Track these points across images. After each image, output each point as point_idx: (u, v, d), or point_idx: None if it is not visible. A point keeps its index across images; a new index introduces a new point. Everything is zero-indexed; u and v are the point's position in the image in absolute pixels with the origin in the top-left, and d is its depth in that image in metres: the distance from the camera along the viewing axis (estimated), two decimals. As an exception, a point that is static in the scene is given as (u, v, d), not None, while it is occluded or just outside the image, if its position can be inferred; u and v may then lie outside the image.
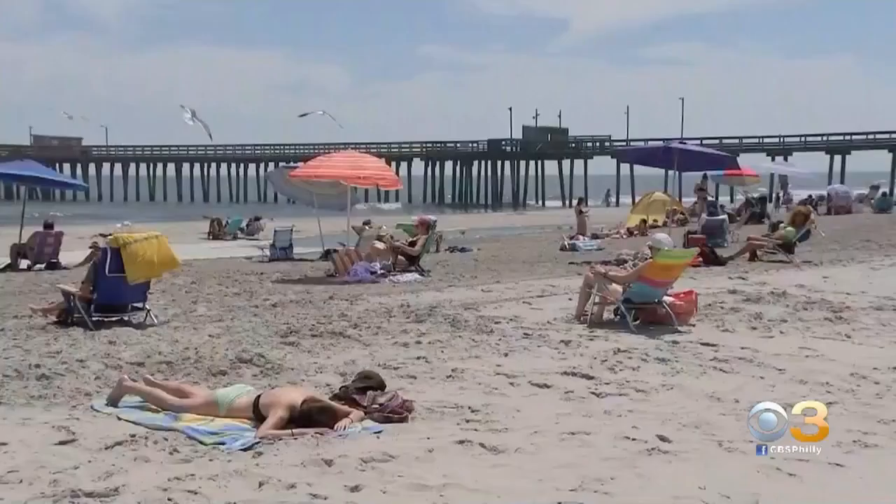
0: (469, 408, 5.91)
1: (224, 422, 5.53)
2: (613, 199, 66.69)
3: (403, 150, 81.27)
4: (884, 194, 41.56)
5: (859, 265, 15.02)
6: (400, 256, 15.54)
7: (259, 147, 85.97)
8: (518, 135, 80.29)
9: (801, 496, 4.24)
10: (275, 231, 21.89)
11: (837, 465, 4.66)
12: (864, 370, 6.85)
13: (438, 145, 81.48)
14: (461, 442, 5.07)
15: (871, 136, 67.23)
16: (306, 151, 69.55)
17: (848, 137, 67.77)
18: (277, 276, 15.25)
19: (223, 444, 5.12)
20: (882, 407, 5.77)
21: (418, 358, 7.57)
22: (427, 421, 5.64)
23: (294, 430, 5.23)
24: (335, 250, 16.62)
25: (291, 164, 31.41)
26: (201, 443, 5.17)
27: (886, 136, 66.12)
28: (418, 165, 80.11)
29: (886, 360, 7.23)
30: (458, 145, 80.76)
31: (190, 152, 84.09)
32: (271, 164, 71.57)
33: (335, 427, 5.31)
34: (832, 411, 5.67)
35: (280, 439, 5.13)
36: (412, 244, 15.90)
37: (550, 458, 4.81)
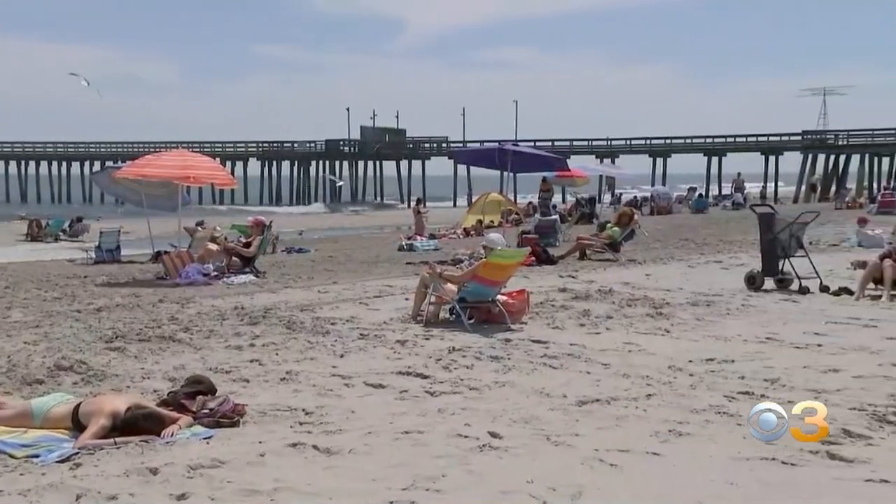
0: (303, 410, 5.85)
1: (39, 433, 5.21)
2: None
3: (239, 149, 79.46)
4: (700, 196, 44.22)
5: (678, 263, 15.89)
6: (234, 258, 15.19)
7: (83, 145, 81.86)
8: (356, 135, 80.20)
9: (621, 485, 4.43)
10: (101, 232, 20.94)
11: (654, 453, 4.89)
12: (680, 363, 7.24)
13: (275, 145, 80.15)
14: (294, 445, 5.01)
15: (689, 141, 71.32)
16: (133, 150, 66.97)
17: (668, 141, 71.63)
18: (103, 280, 14.58)
19: (37, 456, 4.83)
20: (695, 397, 6.11)
21: (252, 361, 7.42)
22: (259, 425, 5.53)
23: (117, 439, 5.00)
24: (166, 252, 16.07)
25: (119, 163, 30.10)
26: (12, 456, 4.85)
27: (702, 140, 70.35)
28: (254, 166, 78.62)
29: (700, 352, 7.67)
30: (296, 145, 79.74)
31: (4, 149, 79.03)
32: (97, 163, 68.28)
33: (162, 434, 5.12)
34: (651, 402, 5.99)
35: (101, 449, 4.90)
36: (247, 245, 15.57)
37: (384, 458, 4.82)
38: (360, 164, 79.49)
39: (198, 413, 5.52)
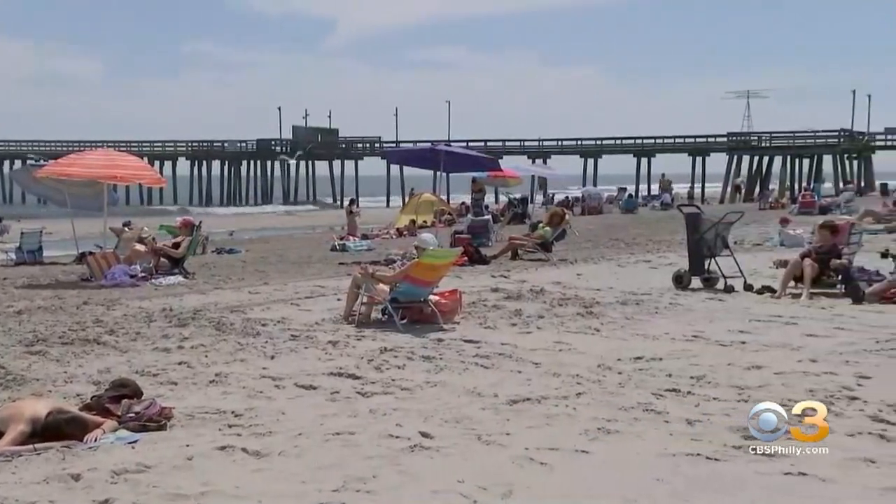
0: (232, 412, 5.77)
1: (-47, 441, 5.04)
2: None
3: (168, 149, 78.06)
4: (630, 196, 44.92)
5: (608, 262, 16.12)
6: (162, 259, 14.91)
7: (2, 143, 79.48)
8: (288, 135, 79.47)
9: (550, 483, 4.48)
10: (21, 233, 20.38)
11: (583, 451, 4.95)
12: (609, 361, 7.33)
13: (205, 144, 78.92)
14: (222, 448, 4.94)
15: (619, 141, 72.46)
16: (57, 149, 65.28)
17: (599, 142, 72.65)
18: (24, 282, 14.19)
19: (-49, 466, 4.67)
20: (624, 395, 6.20)
21: (180, 363, 7.30)
22: (187, 428, 5.44)
23: (37, 445, 4.86)
24: (91, 253, 15.69)
25: (41, 161, 29.30)
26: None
27: (632, 141, 71.54)
28: (184, 165, 77.33)
29: (629, 351, 7.78)
30: (226, 145, 78.65)
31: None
32: (17, 162, 66.36)
33: (85, 439, 5.00)
34: (580, 401, 6.06)
35: (20, 455, 4.75)
36: (175, 246, 15.29)
37: (314, 460, 4.78)
38: (292, 163, 78.73)
39: (123, 417, 5.40)
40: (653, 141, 71.11)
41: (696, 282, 12.08)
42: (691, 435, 5.21)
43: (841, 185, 57.33)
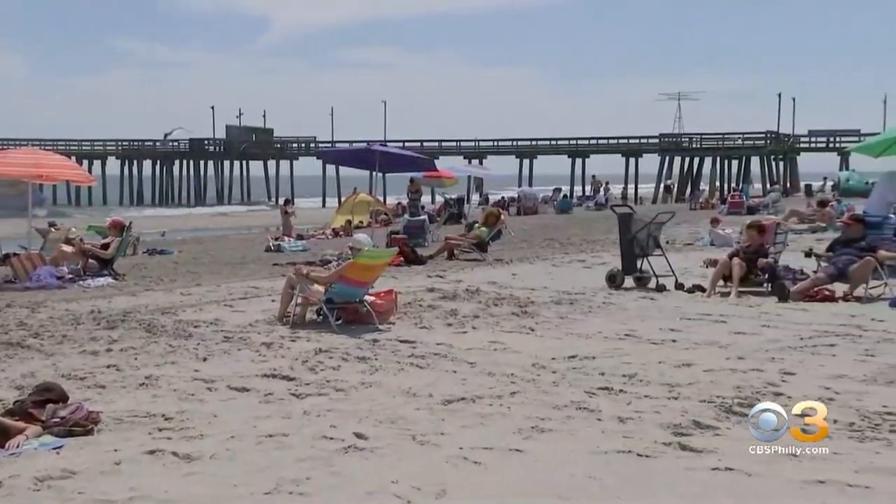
0: (162, 416, 5.67)
1: None
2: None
3: (96, 148, 76.36)
4: (564, 196, 45.38)
5: (543, 262, 16.25)
6: (91, 260, 14.57)
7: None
8: (221, 134, 78.40)
9: (484, 482, 4.49)
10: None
11: (517, 450, 4.98)
12: (543, 360, 7.39)
13: (136, 144, 77.44)
14: (152, 452, 4.85)
15: (553, 142, 73.20)
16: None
17: (534, 143, 73.31)
18: (-57, 284, 13.71)
19: None
20: (557, 394, 6.26)
21: (108, 366, 7.15)
22: (115, 432, 5.33)
23: (-44, 453, 4.72)
24: (15, 254, 15.24)
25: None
26: None
27: (567, 142, 72.34)
28: (114, 165, 75.71)
29: (563, 350, 7.86)
30: (158, 144, 77.28)
31: None
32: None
33: (7, 445, 4.86)
34: (515, 400, 6.10)
35: (-60, 464, 4.60)
36: (105, 247, 14.95)
37: (247, 463, 4.73)
38: (226, 163, 77.80)
39: (47, 422, 5.26)
40: (587, 142, 72.01)
41: (628, 281, 12.25)
42: (623, 432, 5.29)
43: (768, 185, 58.87)
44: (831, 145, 66.61)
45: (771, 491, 4.33)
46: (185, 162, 76.79)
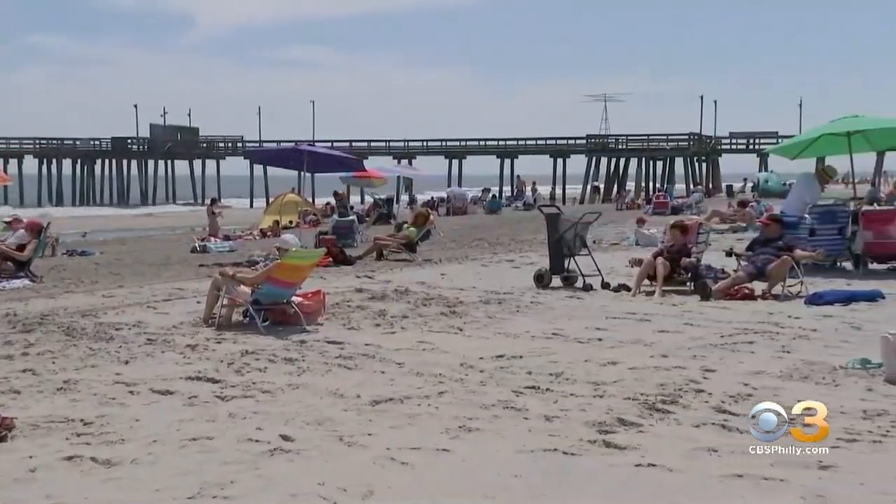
0: (81, 421, 5.53)
1: None
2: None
3: (12, 146, 74.05)
4: (494, 196, 45.71)
5: (472, 262, 16.33)
6: (6, 262, 14.11)
7: None
8: (145, 133, 76.84)
9: (411, 483, 4.50)
10: None
11: (444, 450, 4.99)
12: (471, 360, 7.42)
13: (55, 142, 75.29)
14: (69, 458, 4.73)
15: (482, 143, 73.65)
16: None
17: (463, 143, 73.64)
18: None
19: None
20: (485, 394, 6.29)
21: (24, 371, 6.95)
22: (31, 438, 5.18)
23: None
24: (-73, 255, 14.67)
25: None
26: None
27: (495, 142, 72.86)
28: (32, 164, 73.51)
29: (491, 349, 7.90)
30: (79, 143, 75.31)
31: None
32: None
33: (-84, 455, 4.68)
34: (442, 400, 6.12)
35: None
36: (21, 248, 14.50)
37: (169, 467, 4.64)
38: (150, 163, 76.30)
39: (-41, 430, 5.09)
40: (515, 142, 72.64)
41: (556, 281, 12.38)
42: (549, 431, 5.34)
43: (691, 186, 60.18)
44: (751, 147, 68.43)
45: (691, 486, 4.42)
46: (107, 161, 75.01)
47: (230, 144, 77.30)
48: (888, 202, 29.99)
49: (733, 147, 71.31)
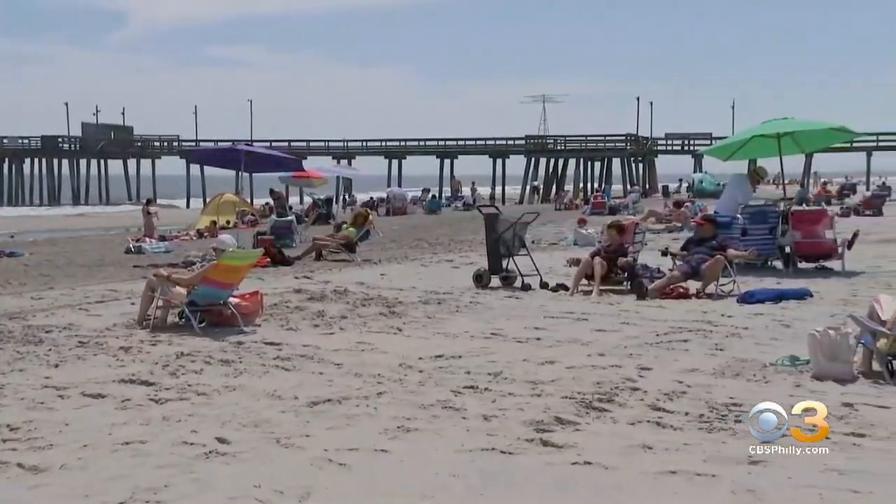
0: (7, 426, 5.38)
1: None
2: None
3: (-65, 144, 71.89)
4: (433, 197, 45.75)
5: (412, 262, 16.33)
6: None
7: None
8: (77, 132, 75.12)
9: (349, 484, 4.47)
10: None
11: (383, 450, 4.98)
12: (411, 360, 7.41)
13: (-19, 141, 73.25)
14: (-5, 465, 4.59)
15: (422, 143, 73.67)
16: None
17: (403, 143, 73.57)
18: None
19: None
20: (423, 394, 6.29)
21: (-53, 376, 6.73)
22: (-45, 446, 5.02)
23: None
24: None
25: None
26: None
27: (435, 143, 72.94)
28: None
29: (430, 349, 7.90)
30: (6, 141, 73.32)
31: None
32: None
33: None
34: (381, 400, 6.10)
35: None
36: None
37: (100, 472, 4.54)
38: (83, 162, 74.65)
39: None
40: (455, 143, 72.79)
41: (495, 280, 12.44)
42: (487, 430, 5.36)
43: (629, 186, 61.05)
44: (686, 148, 69.64)
45: (626, 483, 4.48)
46: (36, 160, 73.17)
47: (166, 144, 76.06)
48: (816, 202, 30.91)
49: (669, 148, 72.49)
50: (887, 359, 6.56)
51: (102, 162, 74.61)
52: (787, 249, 13.80)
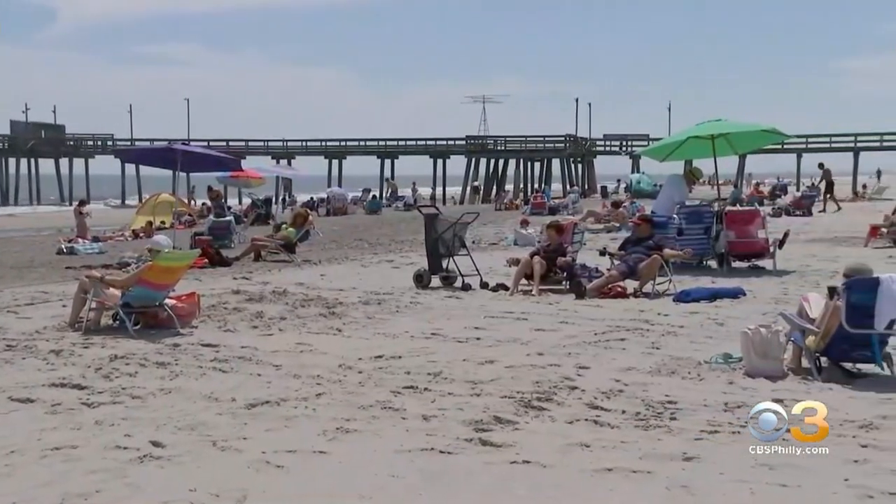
0: (-68, 433, 5.21)
1: None
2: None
3: None
4: (374, 197, 45.62)
5: (352, 263, 16.25)
6: None
7: None
8: (5, 130, 73.10)
9: (286, 486, 4.43)
10: None
11: (321, 452, 4.95)
12: (350, 361, 7.38)
13: None
14: (-82, 474, 4.44)
15: (363, 143, 73.43)
16: None
17: (343, 143, 73.24)
18: None
19: None
20: (363, 394, 6.26)
21: None
22: None
23: None
24: None
25: None
26: None
27: (375, 143, 72.77)
28: None
29: (370, 350, 7.87)
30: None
31: None
32: None
33: None
34: (320, 402, 6.06)
35: None
36: None
37: (29, 478, 4.44)
38: (12, 161, 72.68)
39: None
40: (396, 143, 72.69)
41: (435, 280, 12.45)
42: (427, 430, 5.36)
43: (568, 187, 61.63)
44: (624, 149, 70.58)
45: (564, 480, 4.52)
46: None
47: (99, 143, 74.51)
48: (749, 203, 31.57)
49: (607, 149, 73.39)
50: (815, 356, 6.73)
51: (33, 161, 72.74)
52: (721, 249, 14.06)
